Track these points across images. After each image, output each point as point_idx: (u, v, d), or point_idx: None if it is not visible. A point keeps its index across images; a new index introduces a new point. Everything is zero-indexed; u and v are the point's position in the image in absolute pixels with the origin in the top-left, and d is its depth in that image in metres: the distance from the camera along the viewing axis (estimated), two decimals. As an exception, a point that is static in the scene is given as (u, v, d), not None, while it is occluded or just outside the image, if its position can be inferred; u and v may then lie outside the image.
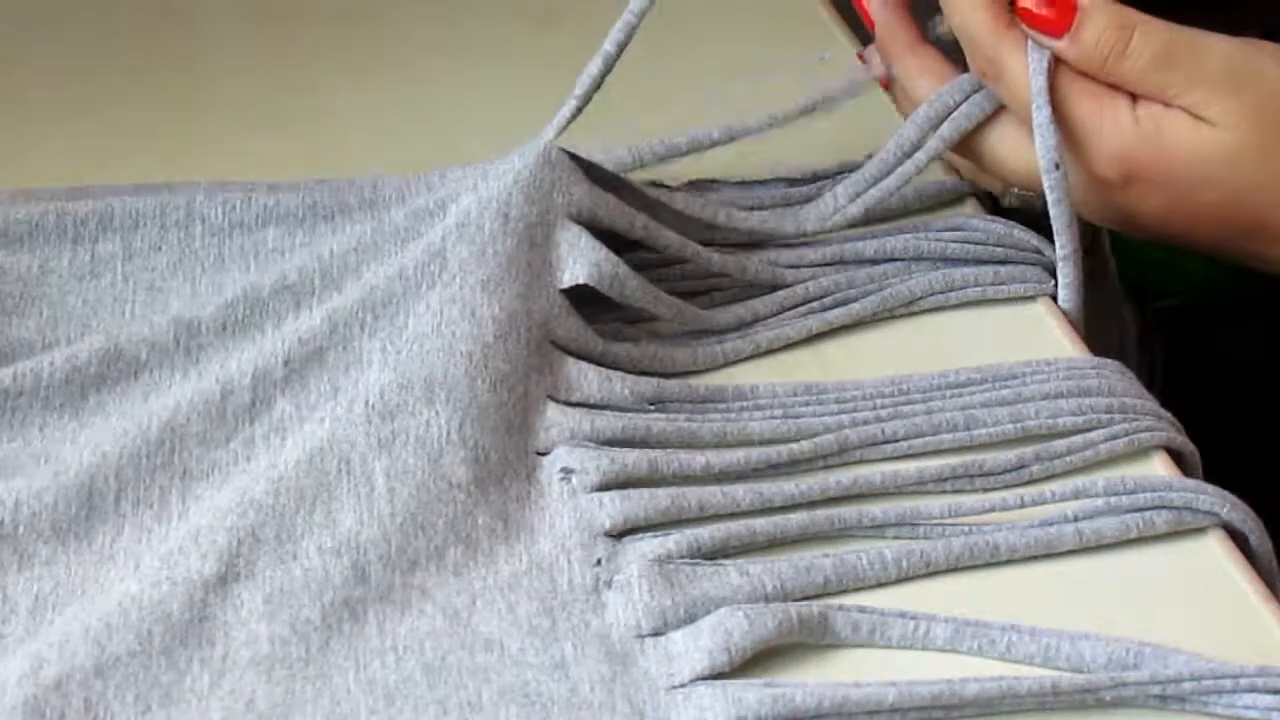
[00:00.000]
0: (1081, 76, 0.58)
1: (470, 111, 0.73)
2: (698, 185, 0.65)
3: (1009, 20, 0.59)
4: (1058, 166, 0.58)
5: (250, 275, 0.59)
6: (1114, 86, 0.58)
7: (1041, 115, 0.58)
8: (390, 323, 0.55)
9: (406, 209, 0.60)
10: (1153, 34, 0.57)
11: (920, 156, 0.62)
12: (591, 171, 0.59)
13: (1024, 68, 0.58)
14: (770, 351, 0.59)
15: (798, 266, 0.62)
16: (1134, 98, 0.58)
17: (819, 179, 0.66)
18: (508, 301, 0.55)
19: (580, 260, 0.57)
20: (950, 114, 0.61)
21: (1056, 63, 0.58)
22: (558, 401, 0.55)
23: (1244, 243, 0.59)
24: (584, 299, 0.58)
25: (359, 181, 0.62)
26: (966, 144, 0.62)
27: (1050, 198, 0.59)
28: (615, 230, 0.59)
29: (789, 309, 0.61)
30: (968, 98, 0.61)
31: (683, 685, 0.47)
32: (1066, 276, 0.61)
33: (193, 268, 0.60)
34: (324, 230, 0.61)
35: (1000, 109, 0.61)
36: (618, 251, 0.58)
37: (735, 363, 0.59)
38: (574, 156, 0.59)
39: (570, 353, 0.57)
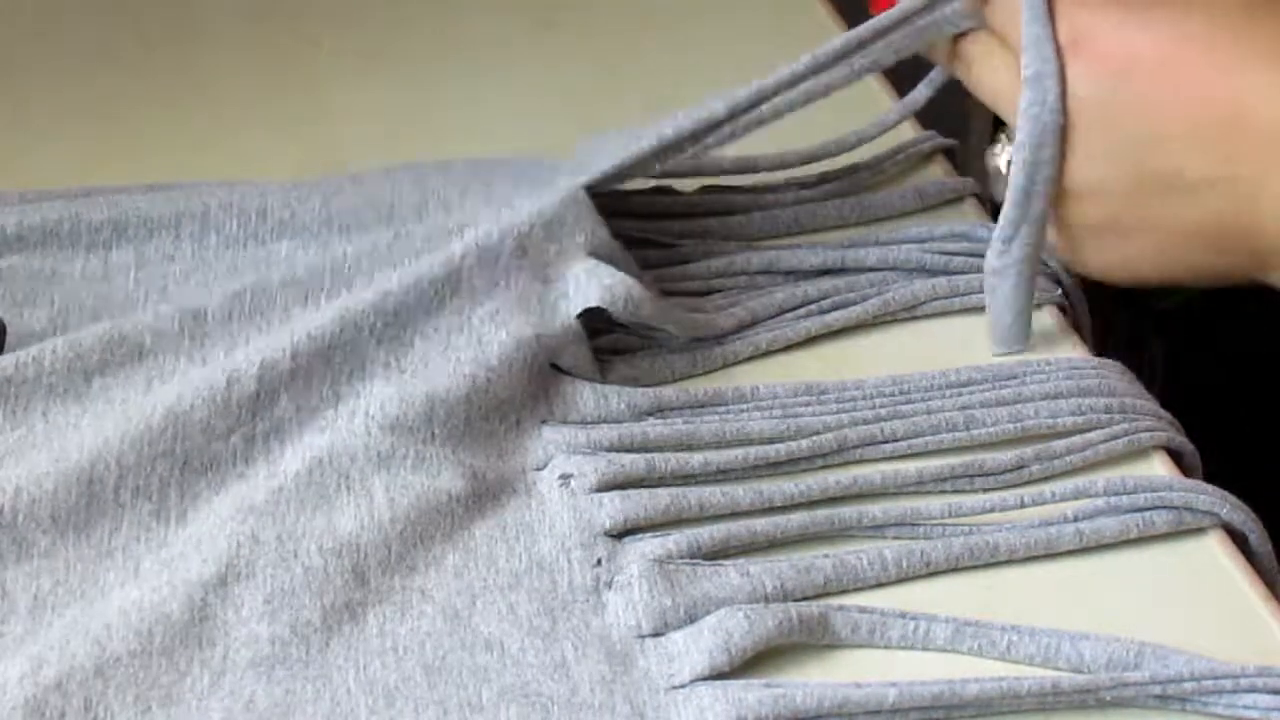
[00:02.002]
0: None
1: (470, 111, 0.73)
2: (709, 190, 0.65)
3: None
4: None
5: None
6: None
7: None
8: (399, 333, 0.55)
9: (425, 227, 0.60)
10: None
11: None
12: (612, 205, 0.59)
13: None
14: (770, 353, 0.59)
15: (798, 270, 0.62)
16: None
17: (828, 180, 0.66)
18: (515, 329, 0.55)
19: (593, 284, 0.57)
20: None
21: None
22: (554, 423, 0.55)
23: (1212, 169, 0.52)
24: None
25: (376, 194, 0.62)
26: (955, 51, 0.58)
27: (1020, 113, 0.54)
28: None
29: (788, 311, 0.61)
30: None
31: (683, 686, 0.47)
32: (1025, 101, 0.54)
33: (205, 274, 0.60)
34: (338, 243, 0.60)
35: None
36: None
37: (735, 364, 0.59)
38: (597, 196, 0.59)
39: (567, 374, 0.57)
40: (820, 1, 0.80)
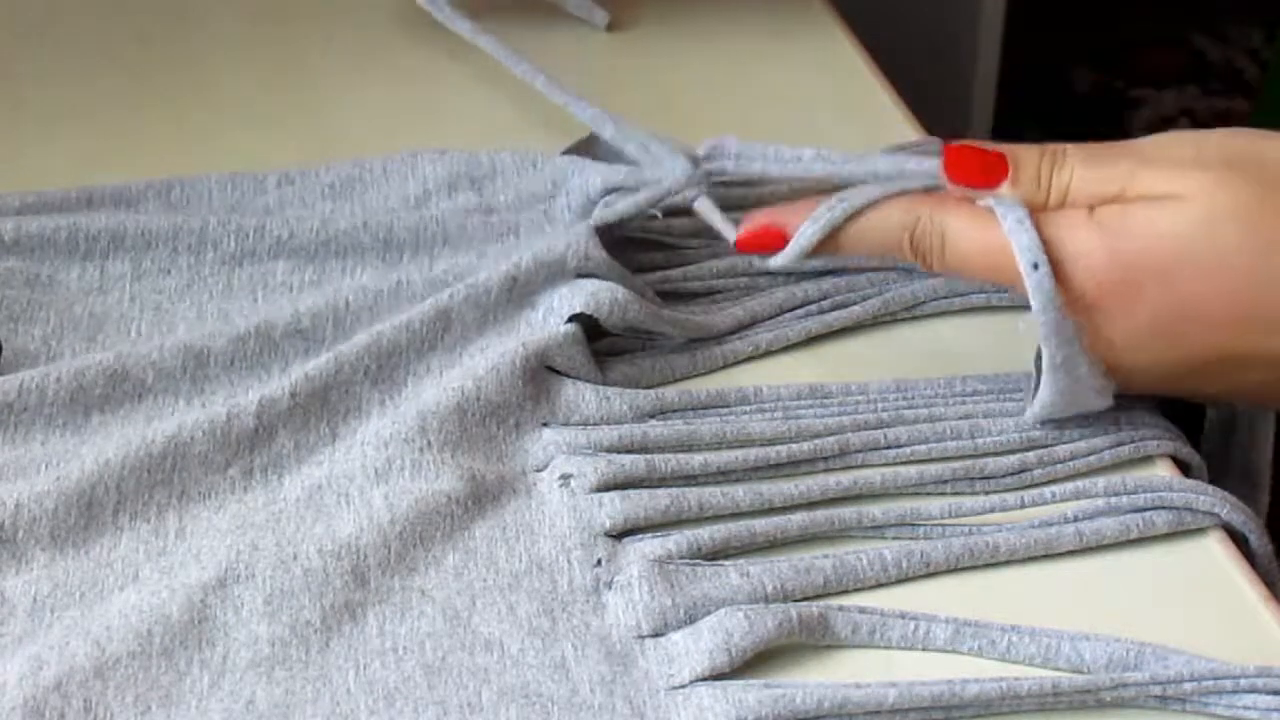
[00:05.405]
0: (1036, 216, 0.53)
1: (470, 111, 0.73)
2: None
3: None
4: (1037, 267, 0.52)
5: (260, 308, 0.59)
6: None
7: (1014, 219, 0.52)
8: (392, 374, 0.56)
9: (424, 270, 0.60)
10: (1079, 145, 0.54)
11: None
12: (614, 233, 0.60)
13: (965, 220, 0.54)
14: (770, 353, 0.59)
15: (798, 270, 0.62)
16: (1089, 210, 0.52)
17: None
18: (501, 346, 0.56)
19: (578, 293, 0.57)
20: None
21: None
22: (555, 425, 0.55)
23: (1259, 341, 0.51)
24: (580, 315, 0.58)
25: (374, 220, 0.62)
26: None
27: (1034, 302, 0.52)
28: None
29: (788, 311, 0.61)
30: None
31: (683, 686, 0.47)
32: (1046, 387, 0.54)
33: (200, 293, 0.60)
34: (334, 267, 0.61)
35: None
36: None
37: (735, 364, 0.59)
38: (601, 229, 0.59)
39: (568, 376, 0.57)
40: (821, 1, 0.80)
